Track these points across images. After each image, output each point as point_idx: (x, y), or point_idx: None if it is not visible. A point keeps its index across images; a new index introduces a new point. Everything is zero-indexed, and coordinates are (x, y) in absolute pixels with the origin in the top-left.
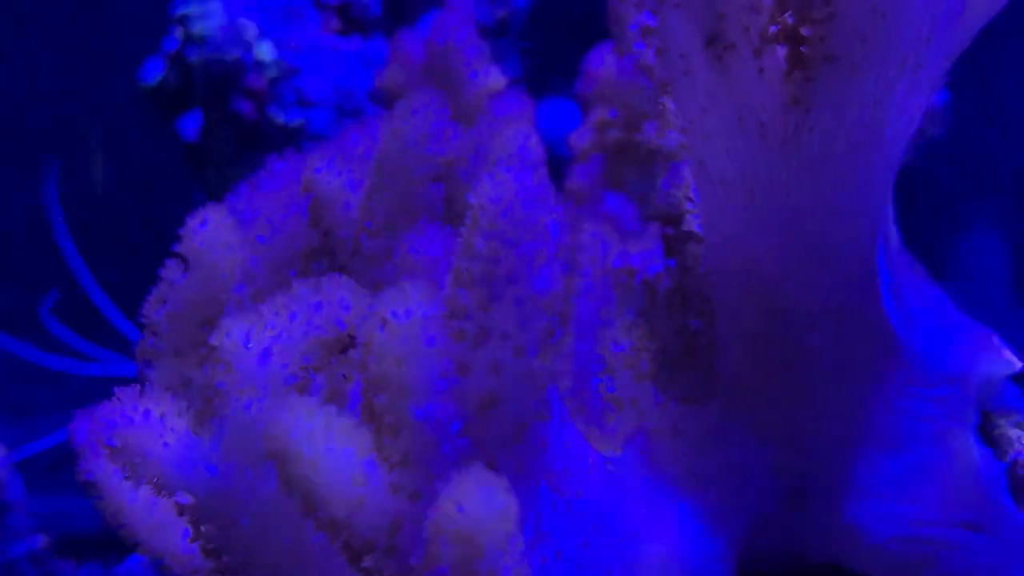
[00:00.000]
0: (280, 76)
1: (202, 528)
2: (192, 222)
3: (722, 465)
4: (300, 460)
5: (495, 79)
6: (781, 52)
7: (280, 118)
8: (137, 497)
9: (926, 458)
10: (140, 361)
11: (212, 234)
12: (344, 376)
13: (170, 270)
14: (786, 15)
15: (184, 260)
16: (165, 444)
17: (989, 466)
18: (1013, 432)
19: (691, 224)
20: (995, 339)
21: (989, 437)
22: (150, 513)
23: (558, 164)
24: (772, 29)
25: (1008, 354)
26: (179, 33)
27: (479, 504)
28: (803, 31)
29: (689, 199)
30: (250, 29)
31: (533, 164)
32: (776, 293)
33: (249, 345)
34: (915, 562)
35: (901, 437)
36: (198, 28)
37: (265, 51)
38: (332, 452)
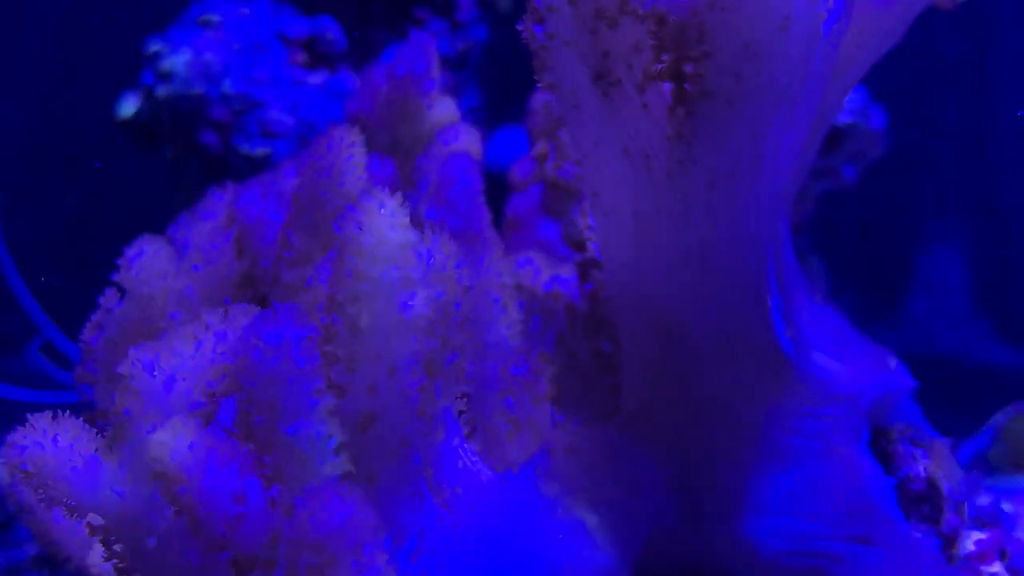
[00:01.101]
0: (245, 109)
1: (114, 548)
2: (129, 252)
3: (618, 482)
4: (181, 479)
5: (448, 110)
6: (666, 88)
7: (245, 149)
8: (62, 517)
9: (817, 474)
10: (78, 385)
11: (148, 264)
12: None
13: (108, 298)
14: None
15: (121, 289)
16: (73, 468)
17: (879, 481)
18: (907, 448)
19: (592, 252)
20: (889, 358)
21: (883, 453)
22: (76, 531)
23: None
24: (656, 67)
25: (901, 372)
26: (153, 68)
27: (330, 513)
28: (685, 68)
29: (589, 227)
30: (216, 64)
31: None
32: (670, 318)
33: (154, 372)
34: (807, 575)
35: (793, 454)
36: (166, 64)
37: (229, 85)
38: (212, 470)
